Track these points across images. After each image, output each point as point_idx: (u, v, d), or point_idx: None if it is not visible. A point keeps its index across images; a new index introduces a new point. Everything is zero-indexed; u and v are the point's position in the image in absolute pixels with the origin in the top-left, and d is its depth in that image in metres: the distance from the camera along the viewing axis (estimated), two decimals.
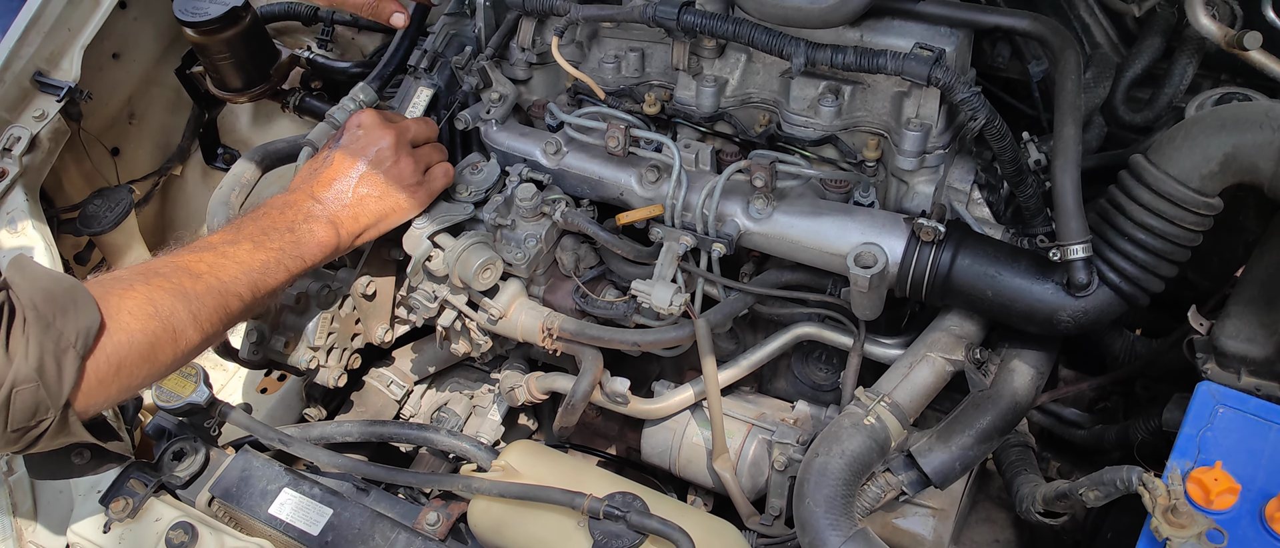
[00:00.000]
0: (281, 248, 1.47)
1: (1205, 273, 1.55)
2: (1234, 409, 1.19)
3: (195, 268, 1.36)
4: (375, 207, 1.57)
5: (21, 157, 2.10)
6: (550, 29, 1.74)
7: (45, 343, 1.12)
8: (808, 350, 1.82)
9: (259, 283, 1.43)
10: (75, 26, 2.20)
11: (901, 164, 1.52)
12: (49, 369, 1.12)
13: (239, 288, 1.40)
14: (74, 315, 1.16)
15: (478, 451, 1.73)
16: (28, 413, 1.11)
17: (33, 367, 1.10)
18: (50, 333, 1.13)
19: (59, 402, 1.14)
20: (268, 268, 1.44)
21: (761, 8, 1.50)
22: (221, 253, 1.41)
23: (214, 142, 2.58)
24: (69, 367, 1.15)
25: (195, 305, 1.32)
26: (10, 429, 1.10)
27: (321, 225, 1.52)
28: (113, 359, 1.21)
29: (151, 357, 1.26)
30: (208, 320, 1.34)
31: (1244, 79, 1.57)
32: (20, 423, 1.11)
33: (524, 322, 1.70)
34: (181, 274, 1.34)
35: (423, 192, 1.62)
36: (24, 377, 1.10)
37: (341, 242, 1.54)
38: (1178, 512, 1.08)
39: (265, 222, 1.49)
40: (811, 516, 1.34)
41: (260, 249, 1.45)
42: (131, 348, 1.23)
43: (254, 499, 1.61)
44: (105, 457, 1.34)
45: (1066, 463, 1.71)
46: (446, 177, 1.67)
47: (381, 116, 1.64)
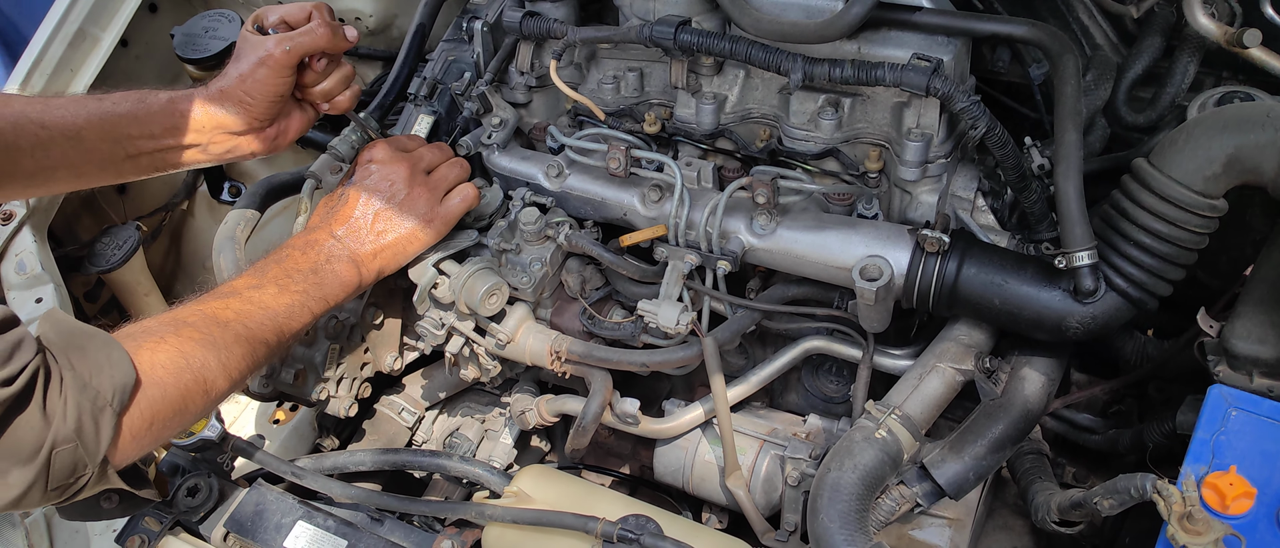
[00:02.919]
0: (305, 290, 1.47)
1: (1214, 273, 1.54)
2: (1247, 412, 1.18)
3: (222, 316, 1.36)
4: (394, 241, 1.56)
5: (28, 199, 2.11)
6: (548, 52, 1.74)
7: (82, 403, 1.12)
8: (817, 363, 1.81)
9: (284, 326, 1.43)
10: (77, 67, 2.21)
11: (904, 174, 1.52)
12: (87, 429, 1.12)
13: (265, 333, 1.40)
14: (110, 373, 1.16)
15: (491, 476, 1.73)
16: (67, 472, 1.11)
17: (71, 427, 1.10)
18: (87, 393, 1.12)
19: (97, 459, 1.14)
20: (293, 311, 1.44)
21: (757, 25, 1.50)
22: (247, 299, 1.41)
23: (219, 176, 2.59)
24: (106, 425, 1.14)
25: (224, 355, 1.32)
26: (50, 488, 1.11)
27: (343, 265, 1.51)
28: (147, 414, 1.21)
29: (183, 408, 1.26)
30: (236, 368, 1.34)
31: (1246, 76, 1.56)
32: (60, 482, 1.11)
33: (532, 345, 1.69)
34: (210, 323, 1.34)
35: (439, 221, 1.59)
36: (63, 438, 1.10)
37: (364, 279, 1.54)
38: (1193, 519, 1.08)
39: (288, 264, 1.49)
40: (826, 531, 1.34)
41: (285, 293, 1.44)
42: (165, 402, 1.23)
43: (268, 533, 1.61)
44: (135, 501, 1.34)
45: (1082, 468, 1.70)
46: (465, 199, 1.63)
47: (392, 148, 1.63)
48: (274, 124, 1.57)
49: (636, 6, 1.66)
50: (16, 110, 1.42)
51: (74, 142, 1.46)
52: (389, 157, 1.60)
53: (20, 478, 1.07)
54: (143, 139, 1.51)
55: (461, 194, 1.63)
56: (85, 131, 1.46)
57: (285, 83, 1.51)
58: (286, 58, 1.48)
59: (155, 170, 1.57)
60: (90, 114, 1.47)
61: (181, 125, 1.51)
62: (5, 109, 1.42)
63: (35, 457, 1.07)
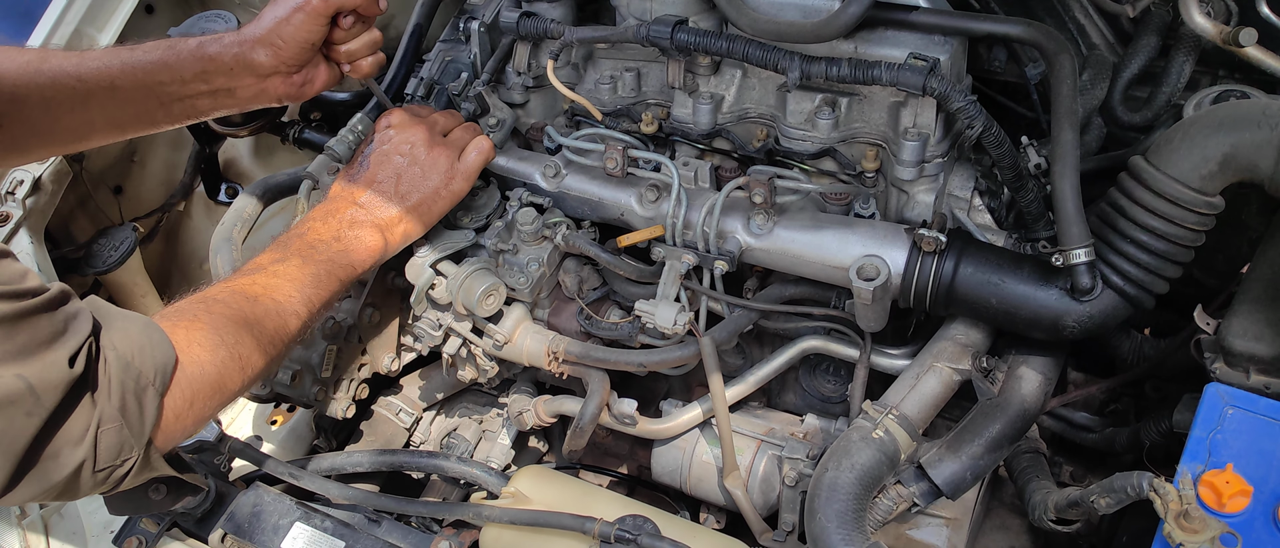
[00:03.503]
0: (330, 259, 1.47)
1: (1211, 271, 1.54)
2: (1244, 410, 1.18)
3: (251, 291, 1.37)
4: (418, 201, 1.57)
5: (25, 199, 2.11)
6: (545, 52, 1.74)
7: (126, 382, 1.12)
8: (815, 363, 1.81)
9: (313, 297, 1.43)
10: None
11: (901, 174, 1.52)
12: (131, 409, 1.13)
13: (295, 305, 1.40)
14: (151, 353, 1.16)
15: (488, 476, 1.73)
16: (113, 453, 1.11)
17: (116, 407, 1.11)
18: (129, 372, 1.13)
19: (142, 440, 1.14)
20: (319, 280, 1.44)
21: (755, 24, 1.50)
22: (273, 273, 1.41)
23: (216, 176, 2.59)
24: (150, 405, 1.15)
25: (257, 330, 1.33)
26: (97, 469, 1.10)
27: (368, 230, 1.52)
28: (188, 394, 1.21)
29: (221, 386, 1.27)
30: (270, 343, 1.35)
31: (1242, 75, 1.57)
32: (106, 463, 1.11)
33: (529, 346, 1.70)
34: (239, 299, 1.35)
35: (460, 178, 1.62)
36: (108, 417, 1.10)
37: (389, 244, 1.54)
38: (1190, 517, 1.08)
39: (311, 236, 1.49)
40: (824, 531, 1.34)
41: (309, 263, 1.45)
42: (204, 381, 1.24)
43: (266, 534, 1.61)
44: (182, 489, 1.33)
45: (1079, 467, 1.71)
46: (481, 153, 1.66)
47: (409, 113, 1.65)
48: (301, 71, 1.56)
49: (633, 6, 1.66)
50: (54, 67, 1.44)
51: (110, 94, 1.47)
52: (405, 121, 1.63)
53: (71, 458, 1.07)
54: (173, 84, 1.51)
55: (478, 148, 1.65)
56: (119, 82, 1.48)
57: (319, 31, 1.52)
58: (324, 6, 1.49)
59: (187, 118, 1.59)
60: (124, 63, 1.48)
61: (211, 69, 1.52)
62: (43, 66, 1.43)
63: (84, 437, 1.07)
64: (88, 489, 1.12)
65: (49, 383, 1.03)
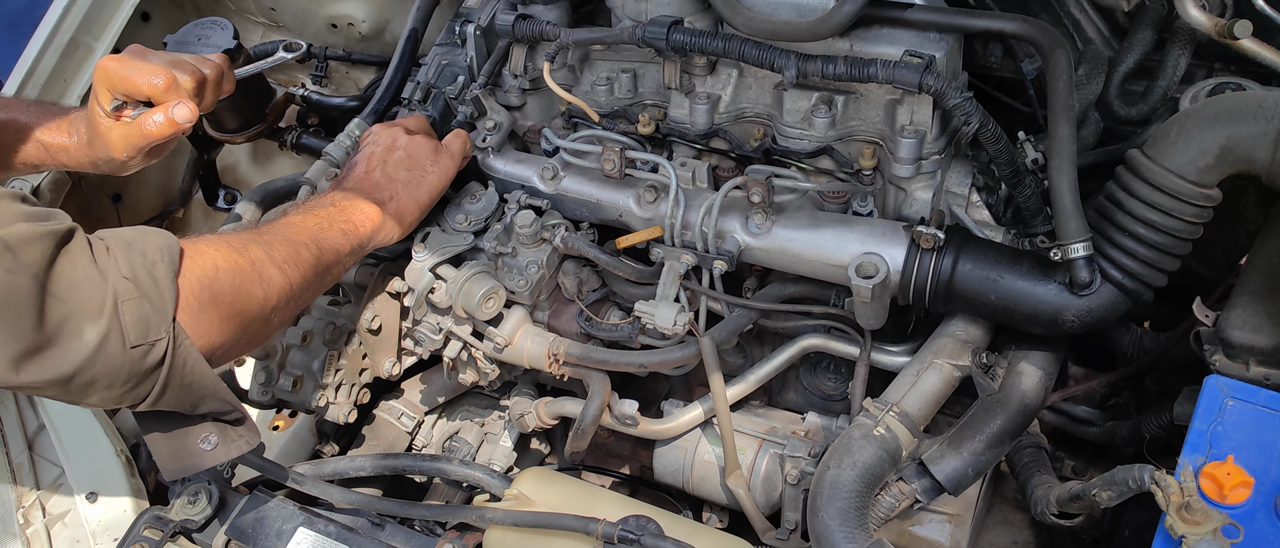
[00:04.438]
0: (328, 215, 1.49)
1: (1209, 263, 1.54)
2: (1244, 401, 1.18)
3: (258, 235, 1.38)
4: (407, 179, 1.60)
5: None
6: (541, 54, 1.74)
7: (133, 258, 1.13)
8: (815, 361, 1.82)
9: (322, 242, 1.44)
10: (71, 76, 2.22)
11: (898, 171, 1.52)
12: (144, 280, 1.13)
13: (303, 237, 1.42)
14: (153, 237, 1.18)
15: (490, 479, 1.73)
16: (141, 327, 1.11)
17: (127, 276, 1.11)
18: (134, 250, 1.14)
19: (166, 316, 1.14)
20: (322, 229, 1.46)
21: (750, 23, 1.50)
22: (277, 223, 1.45)
23: (214, 183, 2.59)
24: (163, 277, 1.15)
25: (268, 247, 1.34)
26: (130, 345, 1.10)
27: (361, 203, 1.54)
28: (203, 281, 1.21)
29: (242, 289, 1.27)
30: (285, 262, 1.36)
31: (1237, 67, 1.57)
32: (137, 338, 1.11)
33: (530, 348, 1.70)
34: (248, 237, 1.36)
35: (446, 156, 1.67)
36: (123, 290, 1.10)
37: (386, 222, 1.56)
38: (1192, 509, 1.08)
39: (305, 204, 1.53)
40: (826, 529, 1.34)
41: (309, 215, 1.47)
42: (218, 274, 1.24)
43: (269, 540, 1.61)
44: (231, 436, 1.32)
45: (1081, 461, 1.71)
46: (460, 138, 1.72)
47: (386, 123, 1.71)
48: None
49: (629, 8, 1.66)
50: None
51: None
52: (383, 126, 1.70)
53: (94, 332, 1.07)
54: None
55: (457, 135, 1.72)
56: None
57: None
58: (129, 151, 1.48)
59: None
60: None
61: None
62: None
63: (102, 309, 1.08)
64: (125, 374, 1.12)
65: (21, 236, 1.04)
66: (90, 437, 1.77)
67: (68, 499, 1.77)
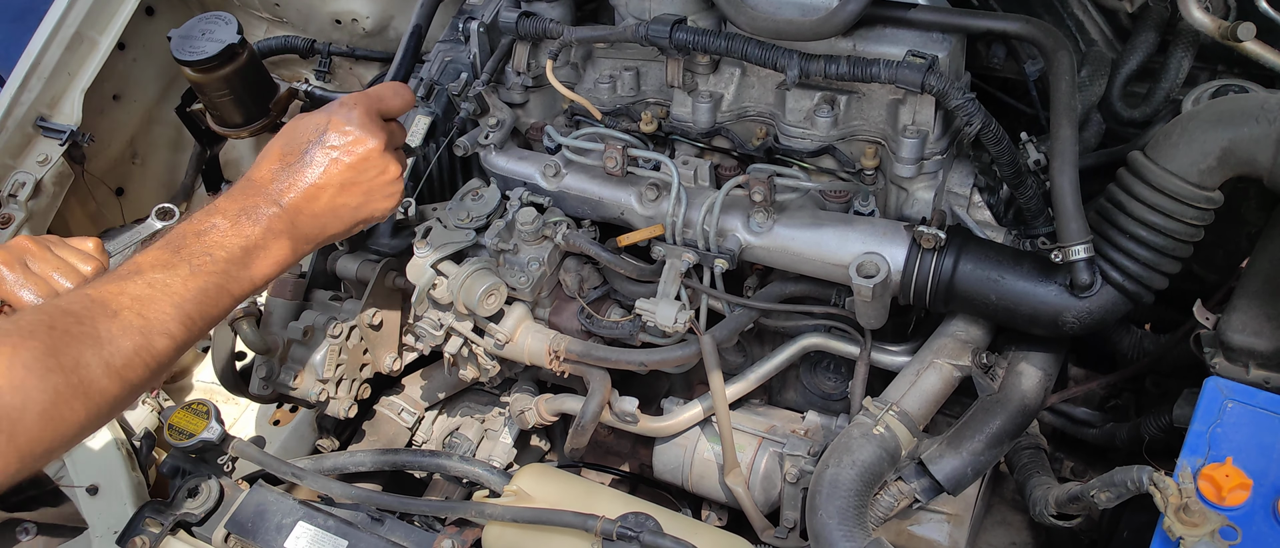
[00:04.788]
0: (226, 272, 1.22)
1: (1210, 266, 1.54)
2: (1243, 404, 1.18)
3: (114, 303, 1.12)
4: (350, 218, 1.36)
5: (27, 201, 2.12)
6: (544, 52, 1.75)
7: None
8: (815, 360, 1.82)
9: (195, 315, 1.18)
10: (75, 70, 2.22)
11: (900, 171, 1.52)
12: None
13: (169, 325, 1.15)
14: None
15: (490, 475, 1.73)
16: None
17: None
18: None
19: None
20: (207, 296, 1.20)
21: (753, 22, 1.50)
22: (150, 282, 1.16)
23: (217, 177, 2.60)
24: None
25: (108, 350, 1.09)
26: None
27: (280, 243, 1.28)
28: (4, 425, 0.99)
29: (55, 416, 1.03)
30: (128, 366, 1.10)
31: (1240, 69, 1.57)
32: None
33: (530, 345, 1.70)
34: (96, 312, 1.11)
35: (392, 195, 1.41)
36: None
37: (298, 257, 1.32)
38: (1190, 510, 1.08)
39: (212, 238, 1.23)
40: (825, 528, 1.34)
41: (199, 274, 1.20)
42: (26, 409, 1.01)
43: (269, 534, 1.62)
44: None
45: (1080, 462, 1.71)
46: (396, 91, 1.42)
47: (367, 114, 1.36)
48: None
49: (632, 6, 1.66)
50: None
51: None
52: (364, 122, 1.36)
53: None
54: None
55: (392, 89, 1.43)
56: None
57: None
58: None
59: None
60: None
61: None
62: None
63: None
64: None
65: None
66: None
67: (69, 492, 1.78)
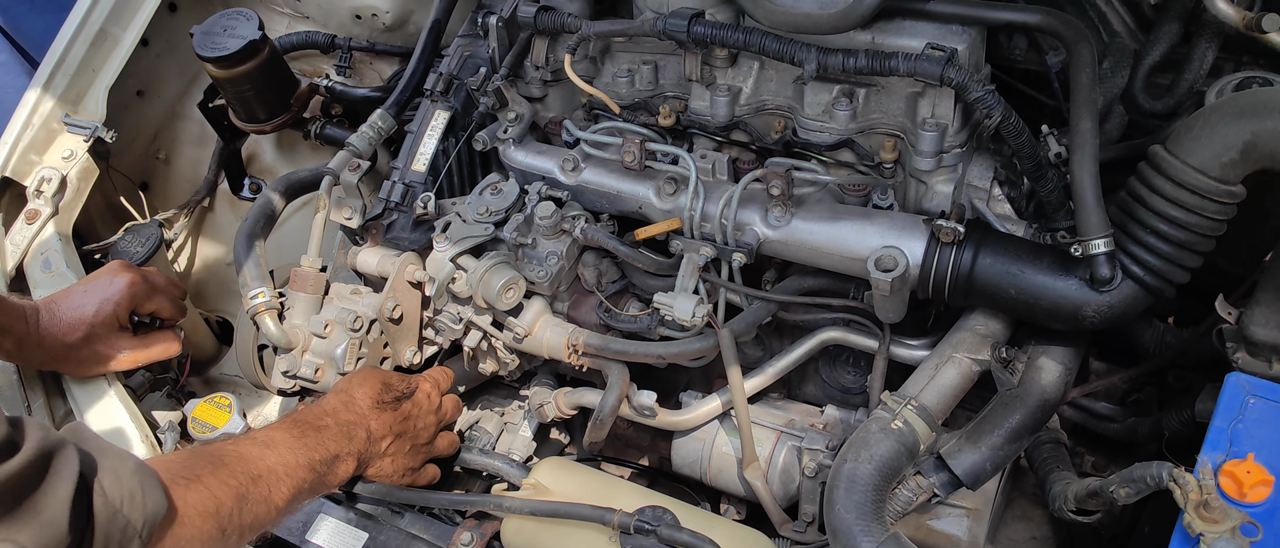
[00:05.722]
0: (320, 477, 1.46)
1: (1234, 259, 1.52)
2: (1265, 399, 1.17)
3: (256, 468, 1.32)
4: (389, 468, 1.61)
5: (53, 197, 2.14)
6: (563, 46, 1.75)
7: (112, 534, 1.02)
8: (835, 354, 1.81)
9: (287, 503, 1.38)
10: (99, 67, 2.24)
11: (919, 165, 1.52)
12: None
13: (279, 502, 1.35)
14: (142, 502, 1.07)
15: (509, 468, 1.74)
16: None
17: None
18: (116, 522, 1.03)
19: None
20: (300, 494, 1.41)
21: (771, 16, 1.50)
22: (282, 457, 1.38)
23: (240, 173, 2.61)
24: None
25: (246, 514, 1.26)
26: None
27: (350, 463, 1.52)
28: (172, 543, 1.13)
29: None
30: (248, 530, 1.28)
31: (1265, 62, 1.55)
32: None
33: (549, 339, 1.70)
34: (244, 471, 1.29)
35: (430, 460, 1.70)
36: None
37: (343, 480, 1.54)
38: (1210, 506, 1.07)
39: (334, 446, 1.49)
40: (843, 522, 1.34)
41: (310, 471, 1.43)
42: (189, 545, 1.16)
43: (292, 526, 1.63)
44: None
45: (1101, 457, 1.69)
46: (451, 446, 1.76)
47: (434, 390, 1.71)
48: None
49: (651, 0, 1.66)
50: None
51: None
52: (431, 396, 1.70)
53: None
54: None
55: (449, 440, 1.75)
56: None
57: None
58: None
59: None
60: None
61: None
62: None
63: None
64: None
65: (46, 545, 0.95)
66: (117, 424, 1.79)
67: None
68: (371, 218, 1.82)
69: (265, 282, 1.77)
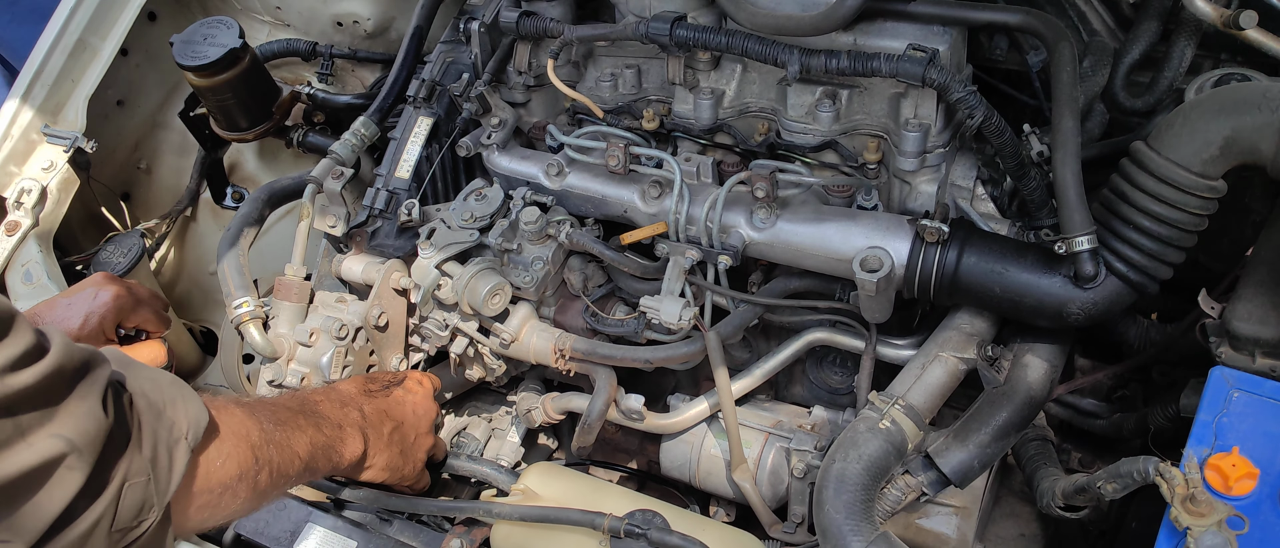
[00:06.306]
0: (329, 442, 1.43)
1: (1216, 255, 1.54)
2: (1249, 393, 1.18)
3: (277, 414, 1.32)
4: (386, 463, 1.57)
5: (33, 208, 2.13)
6: (545, 51, 1.75)
7: (159, 432, 1.01)
8: (821, 355, 1.82)
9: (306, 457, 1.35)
10: (78, 77, 2.22)
11: (902, 165, 1.52)
12: (161, 461, 1.01)
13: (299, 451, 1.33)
14: (184, 406, 1.07)
15: (498, 474, 1.73)
16: (134, 511, 0.97)
17: (147, 458, 0.99)
18: (163, 422, 1.02)
19: (165, 498, 1.01)
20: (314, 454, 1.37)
21: (753, 18, 1.50)
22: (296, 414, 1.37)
23: (222, 182, 2.60)
24: (180, 460, 1.03)
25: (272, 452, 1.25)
26: (113, 529, 0.95)
27: (356, 439, 1.50)
28: (216, 464, 1.11)
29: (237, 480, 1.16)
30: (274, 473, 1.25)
31: (1243, 58, 1.56)
32: (125, 522, 0.96)
33: (536, 344, 1.70)
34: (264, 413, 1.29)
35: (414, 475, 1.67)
36: (137, 470, 0.97)
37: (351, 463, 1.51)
38: (1197, 500, 1.08)
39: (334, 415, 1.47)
40: (832, 522, 1.34)
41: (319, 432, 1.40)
42: (228, 460, 1.14)
43: (279, 535, 1.62)
44: None
45: (1087, 453, 1.70)
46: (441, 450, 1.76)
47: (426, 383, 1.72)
48: None
49: (632, 3, 1.66)
50: None
51: None
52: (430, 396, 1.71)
53: (90, 515, 0.93)
54: None
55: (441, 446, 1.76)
56: None
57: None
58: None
59: None
60: None
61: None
62: None
63: (108, 485, 0.94)
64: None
65: (88, 435, 0.92)
66: None
67: None
68: (356, 225, 1.82)
69: (249, 291, 1.77)
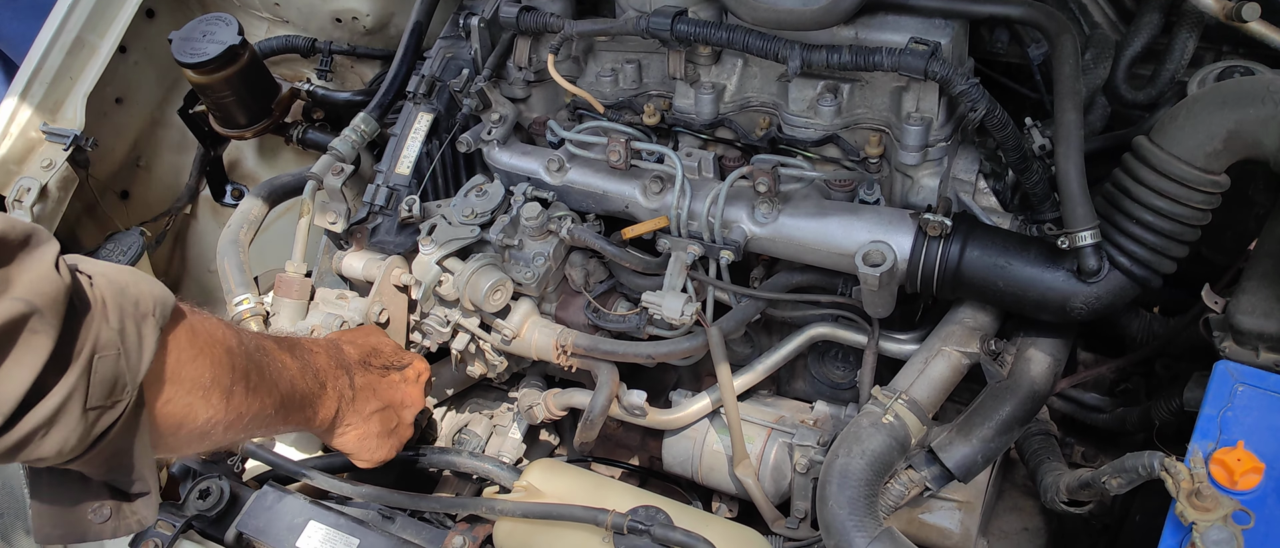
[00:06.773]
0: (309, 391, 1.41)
1: (1219, 248, 1.53)
2: (1254, 387, 1.18)
3: (257, 340, 1.30)
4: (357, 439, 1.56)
5: (32, 207, 2.12)
6: (545, 46, 1.74)
7: (124, 306, 0.98)
8: (824, 350, 1.81)
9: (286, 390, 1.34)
10: (76, 74, 2.22)
11: (904, 159, 1.52)
12: (129, 334, 0.98)
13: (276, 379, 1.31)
14: (149, 287, 1.04)
15: (500, 471, 1.73)
16: (107, 387, 0.95)
17: (115, 329, 0.96)
18: (127, 296, 0.99)
19: (137, 376, 1.00)
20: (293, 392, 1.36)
21: (754, 13, 1.49)
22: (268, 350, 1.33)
23: (221, 179, 2.59)
24: (149, 334, 1.01)
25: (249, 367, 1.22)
26: (87, 407, 0.93)
27: (331, 402, 1.48)
28: (186, 346, 1.08)
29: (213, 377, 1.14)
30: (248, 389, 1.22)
31: (1246, 50, 1.55)
32: (98, 400, 0.95)
33: (537, 340, 1.70)
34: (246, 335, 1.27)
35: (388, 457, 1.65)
36: (106, 342, 0.95)
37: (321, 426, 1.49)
38: (1202, 495, 1.08)
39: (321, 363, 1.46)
40: (836, 518, 1.34)
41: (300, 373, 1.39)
42: (199, 350, 1.11)
43: (281, 533, 1.62)
44: (125, 511, 1.11)
45: (1090, 448, 1.70)
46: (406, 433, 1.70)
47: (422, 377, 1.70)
48: None
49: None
50: None
51: None
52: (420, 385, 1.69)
53: (61, 389, 0.91)
54: None
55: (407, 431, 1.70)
56: None
57: None
58: None
59: None
60: None
61: None
62: None
63: (77, 357, 0.92)
64: (61, 438, 0.93)
65: (47, 296, 0.89)
66: None
67: None
68: (356, 222, 1.81)
69: (250, 288, 1.77)
